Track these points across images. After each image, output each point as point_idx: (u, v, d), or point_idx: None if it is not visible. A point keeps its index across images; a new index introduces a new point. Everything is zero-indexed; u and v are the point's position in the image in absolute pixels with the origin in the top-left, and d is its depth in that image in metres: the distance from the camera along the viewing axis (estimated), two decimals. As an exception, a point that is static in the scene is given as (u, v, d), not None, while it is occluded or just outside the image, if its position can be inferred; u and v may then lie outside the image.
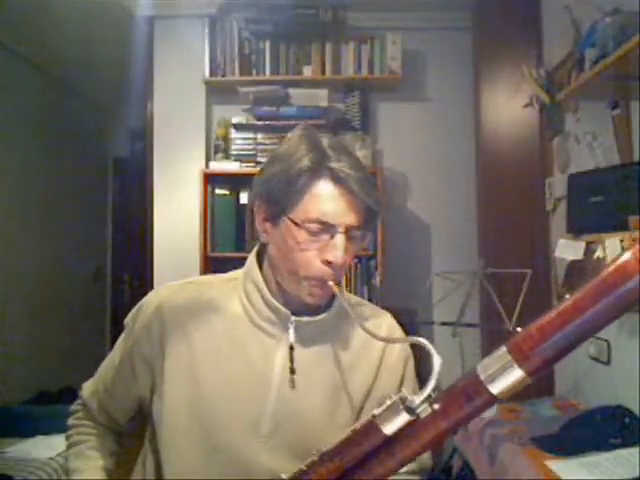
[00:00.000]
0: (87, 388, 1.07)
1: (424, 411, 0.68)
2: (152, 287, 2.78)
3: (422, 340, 0.73)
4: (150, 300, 1.00)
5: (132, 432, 1.08)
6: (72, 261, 4.08)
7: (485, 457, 1.83)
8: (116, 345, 1.04)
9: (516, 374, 0.62)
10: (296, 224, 0.87)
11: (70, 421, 1.08)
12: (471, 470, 2.00)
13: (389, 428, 0.69)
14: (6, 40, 3.24)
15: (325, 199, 0.87)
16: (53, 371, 3.60)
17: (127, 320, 1.02)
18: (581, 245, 2.03)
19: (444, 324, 2.40)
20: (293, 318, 0.93)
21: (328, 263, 0.88)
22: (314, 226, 0.87)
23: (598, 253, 1.85)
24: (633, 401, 1.71)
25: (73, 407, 1.10)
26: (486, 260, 2.42)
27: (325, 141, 0.90)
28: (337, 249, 0.87)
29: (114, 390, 1.02)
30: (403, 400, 0.69)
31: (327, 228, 0.87)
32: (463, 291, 2.40)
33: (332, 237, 0.87)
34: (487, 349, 2.59)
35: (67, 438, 1.07)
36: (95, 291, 4.60)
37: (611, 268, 0.59)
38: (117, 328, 1.07)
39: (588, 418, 1.74)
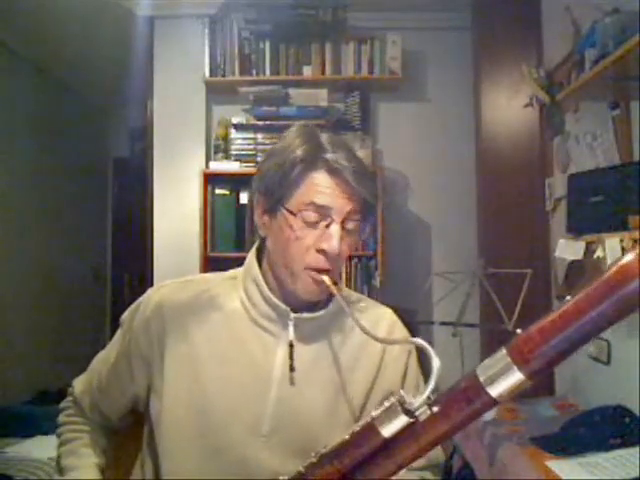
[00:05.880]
0: (78, 385, 1.05)
1: (423, 413, 0.68)
2: (152, 287, 2.77)
3: (421, 342, 0.72)
4: (149, 298, 0.99)
5: (124, 430, 1.06)
6: (72, 261, 4.09)
7: (485, 457, 1.83)
8: (111, 343, 1.03)
9: (516, 377, 0.62)
10: (292, 213, 0.88)
11: (61, 418, 1.06)
12: (471, 470, 1.99)
13: (387, 430, 0.69)
14: (7, 40, 3.24)
15: (321, 189, 0.88)
16: (53, 371, 3.60)
17: (123, 318, 1.01)
18: (581, 245, 2.03)
19: (444, 324, 2.40)
20: (292, 315, 0.93)
21: (323, 252, 0.88)
22: (310, 214, 0.88)
23: (598, 253, 1.84)
24: (633, 401, 1.71)
25: (63, 404, 1.08)
26: (486, 260, 2.42)
27: (323, 135, 0.92)
28: (333, 238, 0.87)
29: (108, 388, 1.00)
30: (401, 402, 0.68)
31: (323, 217, 0.88)
32: (463, 291, 2.39)
33: (327, 227, 0.88)
34: (487, 349, 2.59)
35: (58, 436, 1.05)
36: (95, 291, 4.60)
37: (613, 269, 0.58)
38: (117, 328, 1.06)
39: (588, 418, 1.73)
